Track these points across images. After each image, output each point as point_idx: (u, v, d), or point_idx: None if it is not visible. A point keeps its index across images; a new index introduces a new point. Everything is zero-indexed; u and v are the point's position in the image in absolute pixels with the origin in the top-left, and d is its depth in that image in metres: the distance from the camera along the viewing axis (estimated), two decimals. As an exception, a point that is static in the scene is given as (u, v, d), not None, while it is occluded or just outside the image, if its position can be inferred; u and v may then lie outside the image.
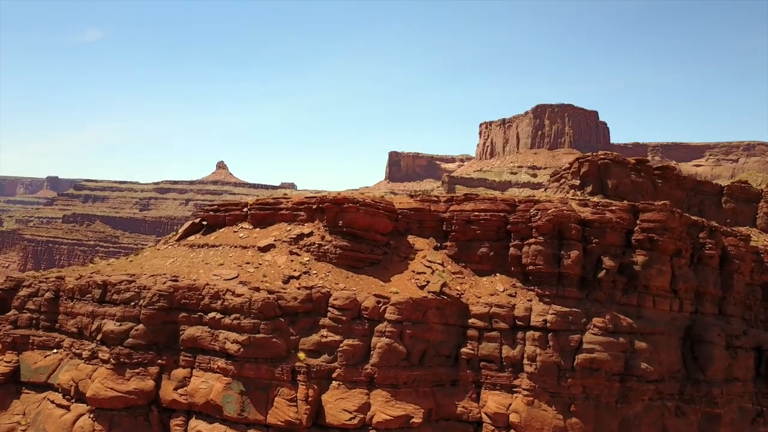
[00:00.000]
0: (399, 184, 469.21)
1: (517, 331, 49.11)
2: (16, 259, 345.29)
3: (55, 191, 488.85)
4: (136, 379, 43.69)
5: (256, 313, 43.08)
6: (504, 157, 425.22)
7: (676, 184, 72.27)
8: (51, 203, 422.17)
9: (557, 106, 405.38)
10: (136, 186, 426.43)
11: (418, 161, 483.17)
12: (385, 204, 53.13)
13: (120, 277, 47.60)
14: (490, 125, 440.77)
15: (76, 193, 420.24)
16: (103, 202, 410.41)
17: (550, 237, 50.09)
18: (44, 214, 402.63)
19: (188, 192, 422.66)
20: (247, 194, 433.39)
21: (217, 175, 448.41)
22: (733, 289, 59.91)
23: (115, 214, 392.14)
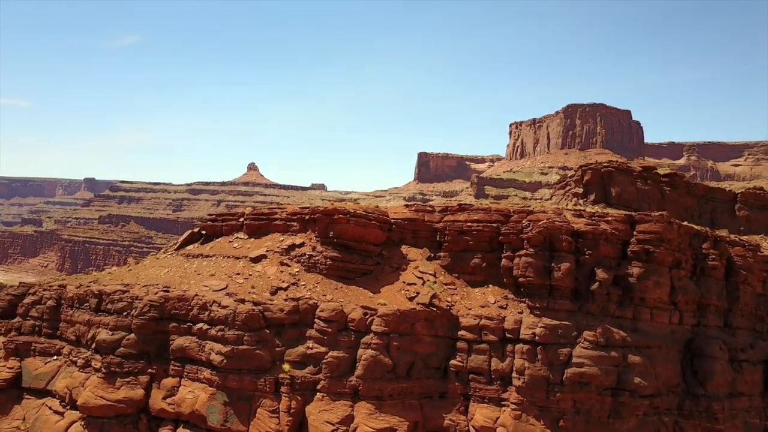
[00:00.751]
0: (428, 184, 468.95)
1: (506, 343, 48.76)
2: (55, 258, 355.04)
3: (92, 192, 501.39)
4: (126, 387, 44.75)
5: (240, 325, 43.71)
6: (534, 157, 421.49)
7: (686, 191, 70.86)
8: (88, 204, 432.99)
9: (588, 106, 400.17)
10: (170, 187, 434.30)
11: (447, 162, 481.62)
12: (378, 214, 53.28)
13: (114, 287, 48.79)
14: (520, 125, 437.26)
15: (112, 194, 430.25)
16: (137, 203, 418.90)
17: (540, 249, 49.59)
18: (81, 215, 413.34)
19: (220, 193, 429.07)
20: (278, 195, 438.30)
21: (248, 176, 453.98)
22: (739, 300, 58.42)
23: (149, 215, 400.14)
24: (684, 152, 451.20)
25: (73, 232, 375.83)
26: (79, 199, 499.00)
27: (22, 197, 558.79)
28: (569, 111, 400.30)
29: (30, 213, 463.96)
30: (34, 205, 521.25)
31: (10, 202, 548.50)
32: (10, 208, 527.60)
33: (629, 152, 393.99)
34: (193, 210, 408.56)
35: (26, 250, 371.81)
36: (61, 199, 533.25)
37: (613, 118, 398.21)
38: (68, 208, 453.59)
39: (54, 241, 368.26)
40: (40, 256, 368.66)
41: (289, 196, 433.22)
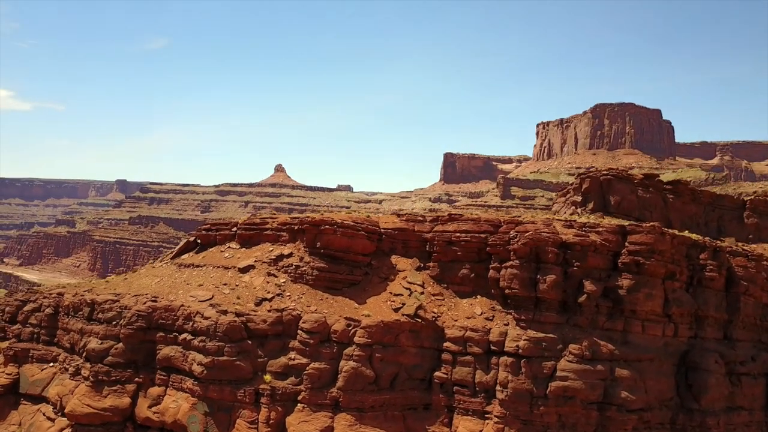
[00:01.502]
0: (454, 185, 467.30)
1: (491, 355, 48.53)
2: (87, 259, 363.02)
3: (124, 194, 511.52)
4: (113, 396, 45.77)
5: (221, 336, 44.35)
6: (561, 157, 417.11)
7: (690, 198, 69.47)
8: (119, 205, 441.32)
9: (617, 105, 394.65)
10: (198, 188, 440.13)
11: (473, 162, 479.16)
12: (367, 225, 53.47)
13: (105, 297, 49.92)
14: (547, 125, 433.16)
15: (142, 196, 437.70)
16: (167, 204, 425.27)
17: (526, 260, 49.19)
18: (113, 216, 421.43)
19: (247, 194, 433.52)
20: (304, 197, 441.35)
21: (275, 177, 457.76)
22: (740, 312, 57.11)
23: (178, 216, 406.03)
24: (717, 152, 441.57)
25: (104, 232, 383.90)
26: (110, 201, 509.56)
27: (56, 198, 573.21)
28: (597, 111, 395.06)
29: (64, 214, 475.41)
30: (68, 207, 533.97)
31: (45, 203, 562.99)
32: (45, 209, 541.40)
33: (659, 152, 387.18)
34: (221, 211, 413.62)
35: (59, 250, 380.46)
36: (93, 201, 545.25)
37: (643, 118, 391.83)
38: (100, 209, 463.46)
39: (86, 241, 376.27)
40: (72, 257, 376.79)
41: (315, 198, 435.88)
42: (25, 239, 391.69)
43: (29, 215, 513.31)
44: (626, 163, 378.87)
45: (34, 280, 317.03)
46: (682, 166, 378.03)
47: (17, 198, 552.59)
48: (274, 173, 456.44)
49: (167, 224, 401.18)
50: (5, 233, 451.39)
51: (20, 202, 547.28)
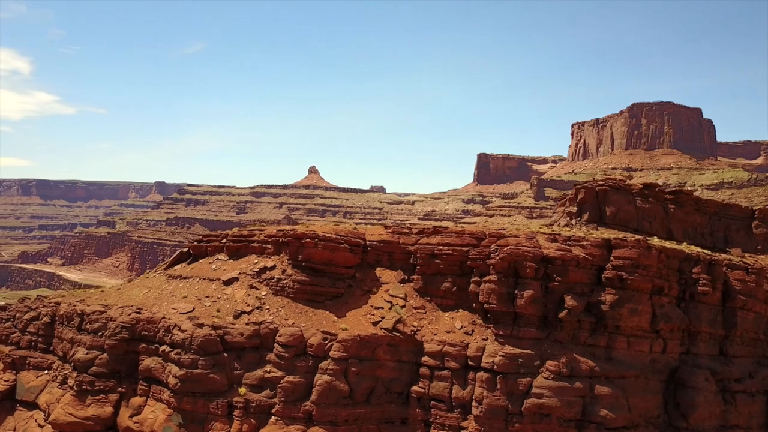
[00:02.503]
0: (488, 186, 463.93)
1: (468, 371, 48.31)
2: (125, 259, 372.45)
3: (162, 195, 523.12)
4: (96, 405, 47.16)
5: (195, 349, 45.24)
6: (597, 158, 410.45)
7: (694, 208, 67.78)
8: (157, 207, 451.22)
9: (655, 104, 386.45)
10: (234, 190, 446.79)
11: (507, 163, 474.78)
12: (351, 237, 53.75)
13: (94, 308, 51.42)
14: (582, 125, 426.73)
15: (180, 197, 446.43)
16: (203, 205, 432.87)
17: (504, 275, 48.84)
18: (151, 217, 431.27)
19: (281, 196, 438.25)
20: (337, 198, 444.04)
21: (308, 179, 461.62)
22: (737, 327, 55.61)
23: (213, 217, 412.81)
24: (762, 151, 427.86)
25: (142, 233, 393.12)
26: (149, 202, 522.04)
27: (98, 200, 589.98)
28: (634, 110, 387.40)
29: (105, 215, 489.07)
30: (109, 208, 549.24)
31: (87, 204, 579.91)
32: (87, 210, 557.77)
33: (700, 152, 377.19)
34: (256, 212, 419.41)
35: (100, 250, 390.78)
36: (133, 202, 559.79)
37: (682, 117, 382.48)
38: (139, 211, 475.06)
39: (125, 242, 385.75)
40: (112, 257, 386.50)
41: (348, 199, 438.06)
42: (67, 240, 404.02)
43: (72, 216, 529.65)
44: (664, 163, 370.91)
45: (75, 279, 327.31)
46: (723, 166, 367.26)
47: (61, 199, 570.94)
48: (307, 175, 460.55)
49: (203, 225, 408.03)
50: (50, 234, 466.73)
51: (64, 204, 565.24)
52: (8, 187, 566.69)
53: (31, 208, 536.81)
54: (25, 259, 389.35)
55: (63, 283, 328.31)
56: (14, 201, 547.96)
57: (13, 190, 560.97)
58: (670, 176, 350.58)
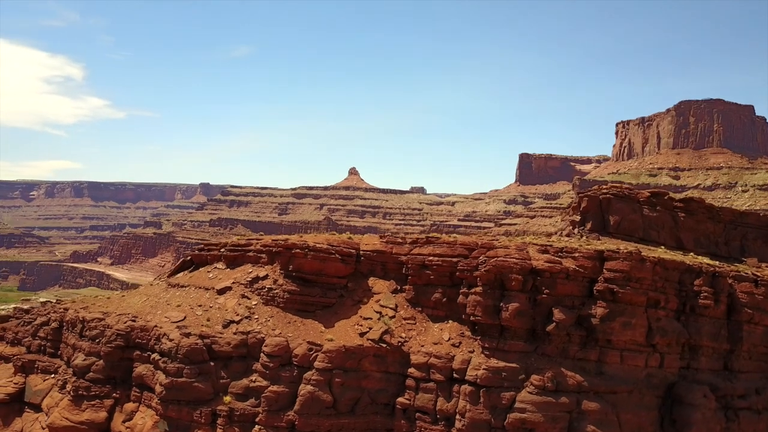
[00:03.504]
0: (530, 187, 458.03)
1: (453, 383, 48.06)
2: (170, 259, 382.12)
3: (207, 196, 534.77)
4: (91, 410, 48.82)
5: (181, 358, 46.33)
6: (642, 157, 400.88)
7: (707, 216, 65.75)
8: (202, 208, 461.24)
9: (704, 102, 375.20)
10: (276, 191, 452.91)
11: (550, 163, 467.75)
12: (343, 247, 54.13)
13: (93, 315, 53.23)
14: (627, 124, 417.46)
15: (223, 199, 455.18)
16: (246, 206, 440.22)
17: (490, 287, 48.41)
18: (196, 218, 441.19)
19: (322, 197, 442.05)
20: (377, 199, 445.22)
21: (349, 181, 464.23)
22: (743, 341, 53.75)
23: (256, 218, 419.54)
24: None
25: (186, 234, 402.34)
26: (194, 203, 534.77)
27: (146, 201, 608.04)
28: (682, 108, 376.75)
29: (152, 216, 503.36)
30: (156, 209, 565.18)
31: (136, 205, 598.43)
32: (136, 211, 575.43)
33: (752, 151, 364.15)
34: (297, 214, 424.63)
35: (146, 250, 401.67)
36: (179, 203, 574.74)
37: (733, 115, 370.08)
38: (185, 212, 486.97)
39: (170, 242, 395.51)
40: (158, 257, 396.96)
41: (388, 200, 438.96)
42: (116, 240, 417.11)
43: (121, 217, 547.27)
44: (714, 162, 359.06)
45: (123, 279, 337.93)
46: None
47: (111, 201, 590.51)
48: (348, 176, 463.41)
49: (245, 226, 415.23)
50: (100, 234, 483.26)
51: (114, 205, 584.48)
52: (62, 189, 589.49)
53: (83, 209, 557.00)
54: (76, 259, 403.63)
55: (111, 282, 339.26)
56: (67, 202, 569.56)
57: (66, 192, 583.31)
58: (719, 176, 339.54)
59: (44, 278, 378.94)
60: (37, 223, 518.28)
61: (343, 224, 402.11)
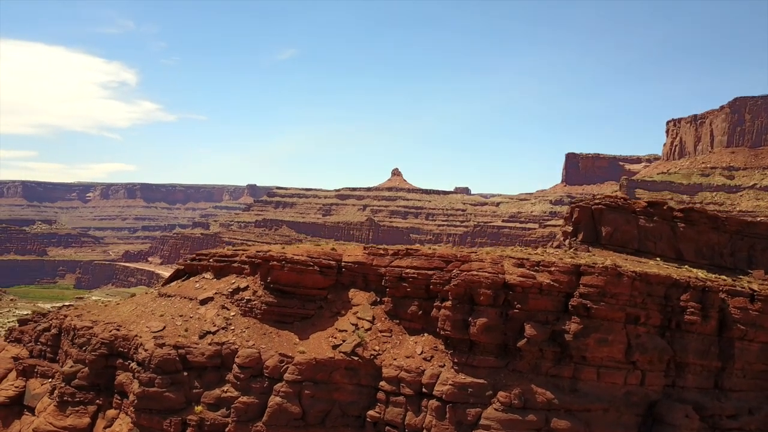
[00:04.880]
0: (577, 187, 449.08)
1: (422, 397, 47.84)
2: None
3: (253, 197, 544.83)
4: (74, 416, 50.71)
5: (153, 368, 47.61)
6: (694, 157, 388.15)
7: (710, 226, 63.38)
8: (248, 209, 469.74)
9: (761, 98, 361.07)
10: (320, 193, 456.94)
11: (598, 163, 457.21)
12: (323, 258, 54.52)
13: (83, 323, 55.23)
14: (678, 122, 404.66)
15: (269, 200, 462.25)
16: (291, 207, 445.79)
17: (459, 301, 47.98)
18: (242, 219, 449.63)
19: (365, 198, 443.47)
20: (419, 200, 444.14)
21: (392, 181, 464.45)
22: (734, 359, 51.67)
23: (300, 219, 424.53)
24: None
25: (232, 235, 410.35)
26: (242, 204, 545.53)
27: (195, 202, 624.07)
28: (737, 105, 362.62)
29: (201, 217, 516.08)
30: (205, 210, 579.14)
31: (185, 206, 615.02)
32: (186, 212, 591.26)
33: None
34: (341, 215, 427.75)
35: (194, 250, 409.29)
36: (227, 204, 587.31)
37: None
38: (232, 213, 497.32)
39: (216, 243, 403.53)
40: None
41: (431, 201, 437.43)
42: (166, 240, 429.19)
43: (172, 218, 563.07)
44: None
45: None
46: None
47: (162, 202, 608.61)
48: (391, 177, 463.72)
49: (290, 227, 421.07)
50: (151, 234, 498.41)
51: (164, 206, 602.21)
52: (116, 190, 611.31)
53: (135, 210, 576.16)
54: (128, 258, 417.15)
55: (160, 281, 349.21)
56: (121, 203, 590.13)
57: (120, 194, 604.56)
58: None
59: (98, 277, 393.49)
60: (93, 224, 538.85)
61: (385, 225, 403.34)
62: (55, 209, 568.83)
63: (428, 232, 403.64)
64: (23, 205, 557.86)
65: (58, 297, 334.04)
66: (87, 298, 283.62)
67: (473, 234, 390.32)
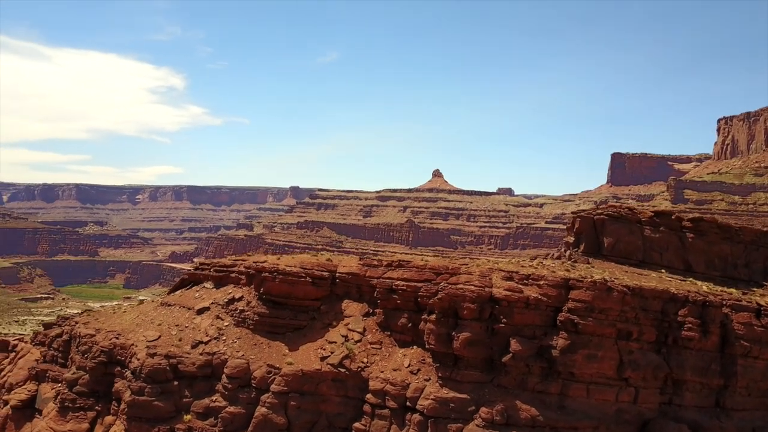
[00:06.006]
0: (623, 188, 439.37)
1: (407, 411, 47.64)
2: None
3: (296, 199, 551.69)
4: (74, 421, 52.47)
5: (144, 377, 48.86)
6: (748, 156, 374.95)
7: (722, 237, 61.21)
8: (291, 210, 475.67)
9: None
10: (361, 194, 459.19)
11: (645, 162, 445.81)
12: (317, 269, 54.91)
13: (87, 331, 57.07)
14: (730, 120, 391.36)
15: (311, 201, 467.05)
16: (332, 209, 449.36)
17: (443, 315, 47.63)
18: (285, 221, 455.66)
19: (406, 200, 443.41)
20: (461, 201, 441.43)
21: (432, 183, 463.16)
22: (737, 376, 49.70)
23: (342, 221, 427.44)
24: None
25: (275, 236, 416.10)
26: (285, 206, 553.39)
27: (240, 204, 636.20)
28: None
29: (245, 218, 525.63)
30: (249, 211, 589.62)
31: (230, 208, 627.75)
32: (230, 214, 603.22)
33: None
34: (381, 216, 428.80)
35: (237, 252, 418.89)
36: (270, 206, 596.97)
37: None
38: (275, 214, 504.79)
39: (259, 244, 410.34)
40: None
41: (472, 202, 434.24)
42: (211, 241, 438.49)
43: (217, 219, 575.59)
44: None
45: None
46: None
47: (208, 204, 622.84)
48: (431, 178, 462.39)
49: (330, 228, 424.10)
50: (197, 235, 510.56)
51: (210, 208, 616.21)
52: (164, 192, 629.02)
53: (182, 211, 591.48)
54: (174, 259, 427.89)
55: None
56: (168, 205, 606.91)
57: (167, 196, 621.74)
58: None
59: (146, 277, 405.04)
60: (142, 225, 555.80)
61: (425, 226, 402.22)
62: (106, 211, 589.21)
63: (469, 233, 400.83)
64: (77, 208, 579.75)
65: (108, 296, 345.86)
66: (134, 298, 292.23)
67: (515, 236, 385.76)
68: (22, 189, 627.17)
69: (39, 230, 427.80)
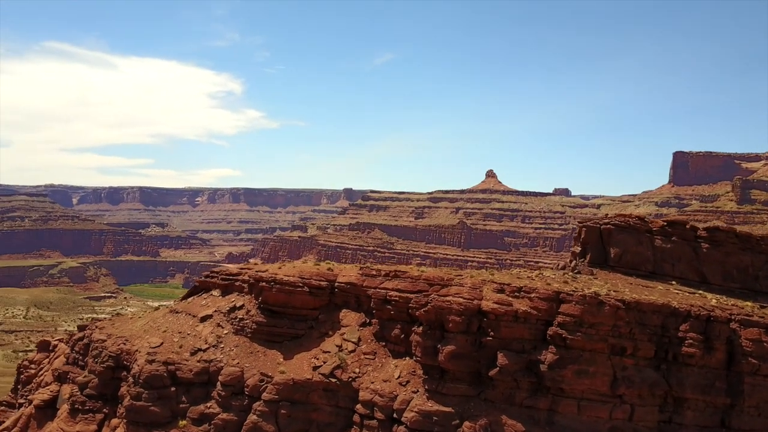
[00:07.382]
0: (686, 188, 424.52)
1: (394, 423, 47.54)
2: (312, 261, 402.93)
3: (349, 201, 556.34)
4: (83, 423, 54.75)
5: (142, 383, 50.52)
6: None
7: (740, 247, 58.45)
8: (344, 212, 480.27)
9: None
10: (413, 196, 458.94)
11: (710, 161, 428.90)
12: (315, 279, 55.47)
13: (99, 336, 59.45)
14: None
15: (364, 203, 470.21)
16: (384, 211, 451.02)
17: (430, 327, 47.29)
18: (338, 222, 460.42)
19: (458, 201, 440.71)
20: (515, 202, 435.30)
21: (486, 183, 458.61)
22: (744, 395, 47.43)
23: (393, 223, 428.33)
24: None
25: (327, 237, 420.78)
26: (338, 207, 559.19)
27: (295, 206, 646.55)
28: None
29: (300, 220, 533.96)
30: (303, 213, 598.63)
31: (286, 210, 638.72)
32: (286, 216, 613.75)
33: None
34: (433, 218, 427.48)
35: (291, 253, 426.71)
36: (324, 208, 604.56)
37: None
38: (329, 216, 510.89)
39: (313, 245, 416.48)
40: (301, 259, 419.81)
41: (527, 203, 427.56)
42: (266, 242, 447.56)
43: (273, 221, 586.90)
44: None
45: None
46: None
47: (264, 206, 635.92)
48: (485, 179, 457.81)
49: (382, 230, 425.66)
50: (254, 237, 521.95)
51: (266, 210, 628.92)
52: (222, 195, 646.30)
53: (239, 213, 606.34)
54: (231, 260, 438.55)
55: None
56: (226, 207, 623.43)
57: (225, 198, 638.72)
58: None
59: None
60: (201, 227, 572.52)
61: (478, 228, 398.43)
62: (168, 213, 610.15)
63: (524, 235, 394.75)
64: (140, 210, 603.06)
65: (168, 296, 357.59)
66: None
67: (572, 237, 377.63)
68: (90, 192, 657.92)
69: (105, 232, 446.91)
